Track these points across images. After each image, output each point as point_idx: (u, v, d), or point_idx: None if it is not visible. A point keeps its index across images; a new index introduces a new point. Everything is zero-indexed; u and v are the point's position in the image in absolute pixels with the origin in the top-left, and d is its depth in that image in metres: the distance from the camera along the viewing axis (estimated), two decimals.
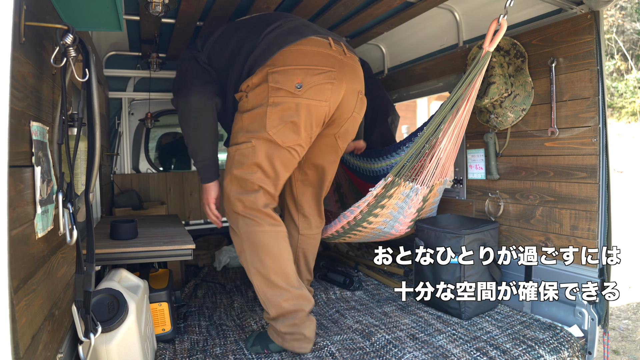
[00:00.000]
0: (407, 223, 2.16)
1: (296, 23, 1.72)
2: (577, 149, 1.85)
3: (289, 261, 1.68)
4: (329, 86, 1.61)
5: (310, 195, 1.99)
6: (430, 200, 2.14)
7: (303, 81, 1.57)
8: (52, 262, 1.00)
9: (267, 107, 1.58)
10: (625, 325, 3.41)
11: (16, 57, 0.76)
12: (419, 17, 2.35)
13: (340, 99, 1.68)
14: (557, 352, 1.66)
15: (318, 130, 1.71)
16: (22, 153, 0.81)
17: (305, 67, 1.59)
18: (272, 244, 1.65)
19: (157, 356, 1.62)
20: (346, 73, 1.67)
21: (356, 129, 1.86)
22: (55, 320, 1.01)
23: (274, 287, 1.64)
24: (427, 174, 1.95)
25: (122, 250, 1.63)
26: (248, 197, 1.65)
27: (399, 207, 2.01)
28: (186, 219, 3.33)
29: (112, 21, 1.25)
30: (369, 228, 2.08)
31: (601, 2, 1.73)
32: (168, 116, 3.44)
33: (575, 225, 1.87)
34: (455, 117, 1.81)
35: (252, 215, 1.65)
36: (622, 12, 12.46)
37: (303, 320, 1.63)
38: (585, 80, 1.81)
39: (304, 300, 1.66)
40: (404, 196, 1.97)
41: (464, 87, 1.72)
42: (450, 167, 2.09)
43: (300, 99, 1.58)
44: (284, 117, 1.59)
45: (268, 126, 1.59)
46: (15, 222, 0.74)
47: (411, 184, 1.93)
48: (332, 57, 1.65)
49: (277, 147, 1.62)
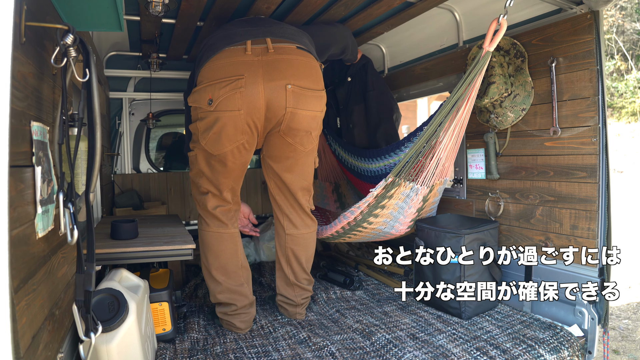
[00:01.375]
0: (407, 223, 2.16)
1: (234, 30, 1.80)
2: (577, 149, 1.86)
3: (231, 260, 1.93)
4: (237, 95, 1.70)
5: (284, 196, 2.01)
6: (430, 200, 2.14)
7: (213, 96, 1.71)
8: (52, 262, 1.00)
9: (197, 121, 1.80)
10: (625, 324, 3.41)
11: (17, 57, 0.76)
12: (419, 17, 2.35)
13: (261, 100, 1.72)
14: (557, 351, 1.66)
15: (252, 134, 1.79)
16: (23, 153, 0.81)
17: (214, 82, 1.72)
18: (214, 243, 1.92)
19: (157, 356, 1.62)
20: (261, 73, 1.72)
21: (307, 123, 1.83)
22: (55, 320, 1.01)
23: (213, 280, 1.93)
24: (428, 173, 1.95)
25: (123, 250, 1.63)
26: (201, 199, 1.93)
27: (399, 208, 2.01)
28: (186, 219, 3.34)
29: (112, 21, 1.25)
30: (369, 228, 2.08)
31: (601, 2, 1.73)
32: (169, 116, 3.45)
33: (575, 225, 1.87)
34: (456, 117, 1.81)
35: (204, 216, 1.94)
36: (622, 12, 12.45)
37: (235, 312, 1.91)
38: (585, 80, 1.81)
39: (239, 296, 1.92)
40: (404, 196, 1.97)
41: (464, 87, 1.73)
42: (450, 167, 2.09)
43: (214, 112, 1.72)
44: (207, 129, 1.76)
45: (200, 138, 1.80)
46: (15, 222, 0.74)
47: (411, 184, 1.94)
48: (242, 64, 1.72)
49: (210, 155, 1.81)
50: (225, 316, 1.93)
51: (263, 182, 3.60)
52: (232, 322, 1.91)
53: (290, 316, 2.07)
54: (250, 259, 3.09)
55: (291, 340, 1.81)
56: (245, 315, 1.93)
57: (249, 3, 2.07)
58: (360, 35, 2.69)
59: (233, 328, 1.92)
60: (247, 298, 1.95)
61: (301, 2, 2.04)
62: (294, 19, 2.24)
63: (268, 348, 1.74)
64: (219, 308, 1.96)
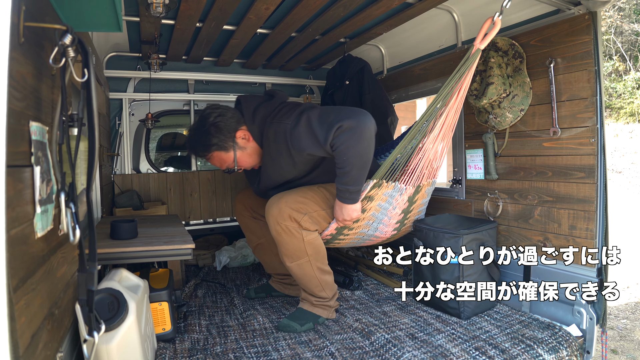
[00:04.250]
0: (393, 224, 2.12)
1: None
2: (575, 149, 1.86)
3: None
4: None
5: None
6: (418, 201, 2.12)
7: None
8: (51, 262, 1.00)
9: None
10: (623, 324, 3.41)
11: (15, 58, 0.77)
12: (418, 18, 2.35)
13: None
14: (555, 351, 1.67)
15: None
16: (21, 153, 0.81)
17: None
18: (320, 243, 2.01)
19: (157, 355, 1.62)
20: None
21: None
22: (55, 320, 1.01)
23: (328, 274, 2.02)
24: (414, 173, 1.93)
25: (123, 249, 1.63)
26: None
27: (381, 209, 1.99)
28: (186, 219, 3.34)
29: (111, 22, 1.25)
30: (352, 233, 2.06)
31: (599, 3, 1.74)
32: (168, 117, 3.45)
33: (574, 225, 1.87)
34: (442, 116, 1.80)
35: (307, 227, 1.95)
36: (620, 13, 12.48)
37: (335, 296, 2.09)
38: (583, 81, 1.81)
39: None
40: (386, 196, 1.95)
41: (451, 84, 1.71)
42: (439, 168, 2.07)
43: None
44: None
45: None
46: (14, 222, 0.74)
47: (394, 183, 1.91)
48: None
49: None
50: (334, 304, 2.06)
51: None
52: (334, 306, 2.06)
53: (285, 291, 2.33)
54: (249, 260, 3.09)
55: (291, 340, 1.81)
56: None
57: (248, 4, 2.08)
58: (359, 36, 2.70)
59: (333, 315, 2.05)
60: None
61: (300, 3, 2.05)
62: (293, 19, 2.24)
63: (268, 348, 1.74)
64: (332, 301, 2.03)
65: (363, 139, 1.70)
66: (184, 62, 3.13)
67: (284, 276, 2.36)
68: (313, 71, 3.62)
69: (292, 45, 2.75)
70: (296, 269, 1.94)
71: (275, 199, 1.92)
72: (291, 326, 1.92)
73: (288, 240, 1.89)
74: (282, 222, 1.86)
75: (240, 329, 1.95)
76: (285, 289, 2.37)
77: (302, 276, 1.96)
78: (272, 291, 2.39)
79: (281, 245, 1.92)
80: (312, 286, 1.98)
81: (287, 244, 1.90)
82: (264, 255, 2.39)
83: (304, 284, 1.99)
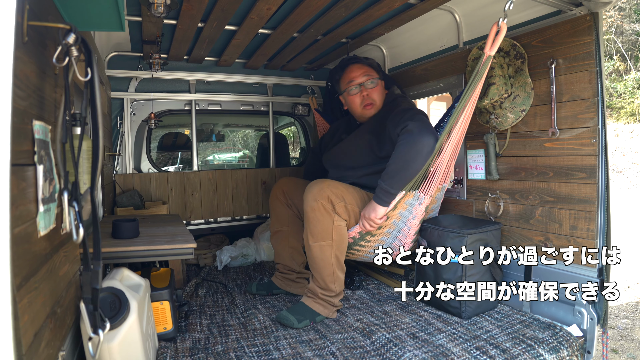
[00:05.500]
0: (412, 236, 2.14)
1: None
2: (576, 150, 1.86)
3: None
4: None
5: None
6: (430, 207, 2.14)
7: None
8: (54, 261, 1.01)
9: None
10: (624, 324, 3.41)
11: (19, 57, 0.77)
12: (420, 19, 2.35)
13: None
14: (556, 351, 1.67)
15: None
16: (25, 152, 0.82)
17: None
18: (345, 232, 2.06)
19: (158, 355, 1.62)
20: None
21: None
22: (57, 318, 1.01)
23: (342, 265, 2.05)
24: (431, 182, 1.95)
25: (124, 249, 1.64)
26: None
27: (402, 217, 2.01)
28: (187, 219, 3.34)
29: (113, 21, 1.26)
30: (373, 240, 2.06)
31: (600, 4, 1.74)
32: (169, 116, 3.46)
33: (575, 226, 1.87)
34: (458, 123, 1.84)
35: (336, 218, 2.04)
36: (621, 13, 12.47)
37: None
38: (584, 82, 1.82)
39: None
40: (407, 205, 1.97)
41: (467, 94, 1.77)
42: (449, 175, 2.09)
43: None
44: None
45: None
46: (17, 220, 0.75)
47: (414, 192, 1.94)
48: None
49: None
50: (338, 303, 2.09)
51: (264, 182, 3.61)
52: (337, 305, 2.08)
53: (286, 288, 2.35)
54: (249, 259, 3.09)
55: (292, 339, 1.82)
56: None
57: (250, 4, 2.08)
58: (360, 36, 2.70)
59: (334, 315, 2.07)
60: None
61: (302, 3, 2.05)
62: (295, 20, 2.24)
63: (269, 347, 1.75)
64: (336, 299, 2.05)
65: (421, 150, 1.85)
66: (186, 62, 3.13)
67: (289, 271, 2.38)
68: (314, 71, 3.62)
69: (293, 45, 2.76)
70: (317, 251, 1.97)
71: (319, 180, 2.03)
72: (289, 319, 1.94)
73: (320, 219, 1.94)
74: (320, 199, 1.93)
75: (241, 328, 1.95)
76: (287, 286, 2.38)
77: (320, 260, 1.98)
78: (273, 289, 2.40)
79: (310, 223, 1.97)
80: (325, 274, 2.00)
81: (317, 223, 1.95)
82: (279, 244, 2.44)
83: (319, 269, 2.00)
